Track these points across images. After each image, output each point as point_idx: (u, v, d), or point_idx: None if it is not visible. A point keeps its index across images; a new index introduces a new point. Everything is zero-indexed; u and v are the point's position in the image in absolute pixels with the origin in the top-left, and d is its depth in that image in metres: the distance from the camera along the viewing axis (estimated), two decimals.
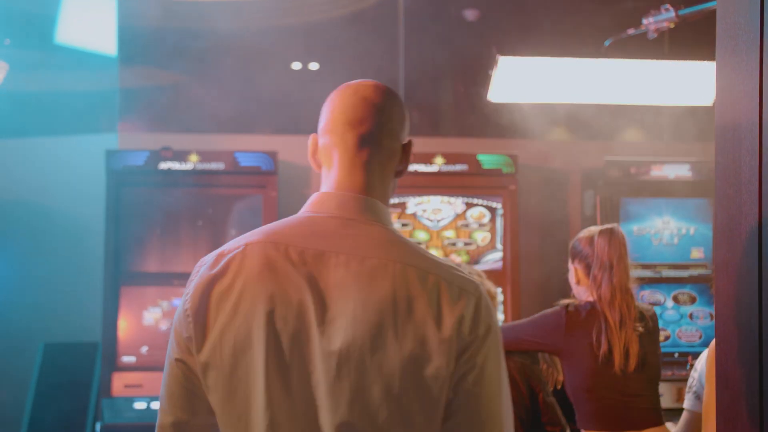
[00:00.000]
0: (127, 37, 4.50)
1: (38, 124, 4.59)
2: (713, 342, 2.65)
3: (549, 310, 2.83)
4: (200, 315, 1.45)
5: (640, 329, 2.75)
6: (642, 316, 2.80)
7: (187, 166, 4.03)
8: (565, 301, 2.84)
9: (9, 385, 4.40)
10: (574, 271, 2.87)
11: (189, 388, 1.48)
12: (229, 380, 1.43)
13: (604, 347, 2.70)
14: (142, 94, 4.55)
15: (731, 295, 2.04)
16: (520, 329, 2.80)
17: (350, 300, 1.39)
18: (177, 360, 1.47)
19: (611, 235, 2.80)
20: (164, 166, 4.01)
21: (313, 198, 1.53)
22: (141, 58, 4.54)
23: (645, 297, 4.30)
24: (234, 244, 1.49)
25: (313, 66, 4.68)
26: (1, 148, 4.53)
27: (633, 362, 2.73)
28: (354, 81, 1.57)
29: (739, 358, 2.00)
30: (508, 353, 2.91)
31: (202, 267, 1.50)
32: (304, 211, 1.52)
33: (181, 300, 1.50)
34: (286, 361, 1.39)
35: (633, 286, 2.82)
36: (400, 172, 1.59)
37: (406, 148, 1.58)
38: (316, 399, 1.38)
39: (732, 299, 2.04)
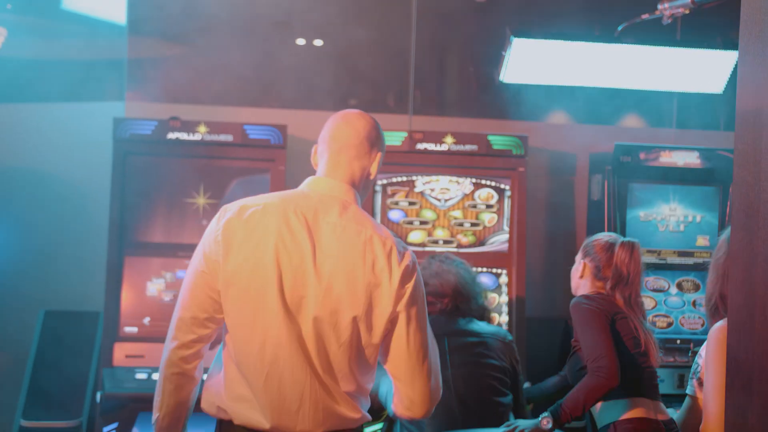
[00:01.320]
0: (136, 5, 4.46)
1: (44, 90, 4.55)
2: (716, 327, 2.66)
3: (583, 313, 2.90)
4: (228, 244, 2.14)
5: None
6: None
7: (196, 137, 4.00)
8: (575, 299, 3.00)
9: (9, 352, 4.40)
10: (582, 266, 3.06)
11: (209, 294, 2.16)
12: (245, 293, 2.12)
13: (633, 327, 2.93)
14: (150, 63, 4.52)
15: (746, 281, 2.03)
16: (590, 339, 2.84)
17: (334, 250, 2.14)
18: (203, 272, 2.16)
19: (632, 248, 3.03)
20: (172, 136, 3.98)
21: (309, 180, 2.28)
22: (150, 28, 4.50)
23: (649, 283, 4.30)
24: (254, 201, 2.20)
25: (318, 42, 4.65)
26: (6, 114, 4.50)
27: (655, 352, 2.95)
28: (344, 111, 2.36)
29: (751, 345, 1.99)
30: None
31: (228, 212, 2.19)
32: (302, 188, 2.26)
33: (213, 231, 2.18)
34: (289, 284, 2.11)
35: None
36: (370, 174, 2.32)
37: (375, 158, 2.32)
38: (302, 306, 2.12)
39: (747, 286, 2.03)
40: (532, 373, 4.12)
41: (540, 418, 2.74)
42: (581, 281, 3.07)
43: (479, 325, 3.19)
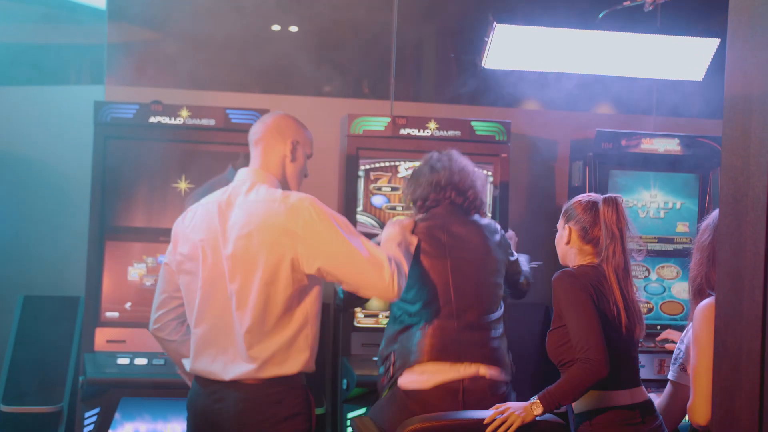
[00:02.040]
0: None
1: (23, 73, 4.50)
2: (703, 304, 2.68)
3: (568, 291, 2.75)
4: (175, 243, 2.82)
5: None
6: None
7: (178, 121, 3.96)
8: (561, 272, 2.84)
9: None
10: (567, 231, 2.90)
11: (171, 278, 2.83)
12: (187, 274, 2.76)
13: (621, 318, 2.78)
14: (130, 48, 4.47)
15: (734, 265, 2.05)
16: (579, 326, 2.71)
17: (241, 220, 2.67)
18: (166, 264, 2.85)
19: (617, 204, 2.84)
20: (154, 120, 3.95)
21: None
22: (130, 12, 4.46)
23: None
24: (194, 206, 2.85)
25: (299, 27, 4.62)
26: None
27: (643, 331, 2.82)
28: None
29: (740, 329, 2.01)
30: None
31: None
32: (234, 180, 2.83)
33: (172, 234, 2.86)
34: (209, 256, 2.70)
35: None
36: (292, 159, 2.84)
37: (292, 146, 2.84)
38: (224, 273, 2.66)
39: (734, 270, 2.05)
40: (513, 359, 4.13)
41: (530, 403, 2.72)
42: (568, 248, 2.91)
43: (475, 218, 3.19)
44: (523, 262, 3.43)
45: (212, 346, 2.68)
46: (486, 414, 2.76)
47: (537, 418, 2.70)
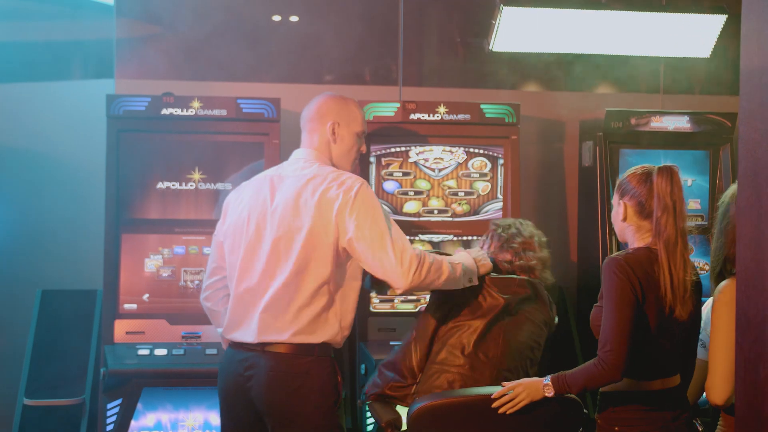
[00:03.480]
0: None
1: (36, 70, 4.52)
2: (722, 285, 2.70)
3: (611, 281, 2.60)
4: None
5: (695, 278, 2.69)
6: (693, 266, 2.74)
7: (189, 112, 3.98)
8: (612, 255, 2.68)
9: (8, 332, 4.39)
10: (623, 207, 2.73)
11: (219, 249, 3.02)
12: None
13: (667, 295, 2.62)
14: (139, 41, 4.48)
15: (754, 237, 2.07)
16: (608, 323, 2.59)
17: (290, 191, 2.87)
18: (215, 235, 3.05)
19: (672, 174, 2.69)
20: (166, 111, 3.96)
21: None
22: (137, 7, 4.46)
23: None
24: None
25: (308, 16, 4.63)
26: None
27: (687, 310, 2.65)
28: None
29: (762, 301, 2.03)
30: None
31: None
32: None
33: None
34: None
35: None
36: (334, 141, 3.00)
37: (332, 128, 3.00)
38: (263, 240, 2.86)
39: (755, 242, 2.07)
40: None
41: (541, 382, 2.68)
42: (625, 225, 2.74)
43: None
44: None
45: (246, 311, 2.83)
46: (494, 390, 2.78)
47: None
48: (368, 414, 3.92)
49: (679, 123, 4.37)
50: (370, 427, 3.94)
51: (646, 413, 2.66)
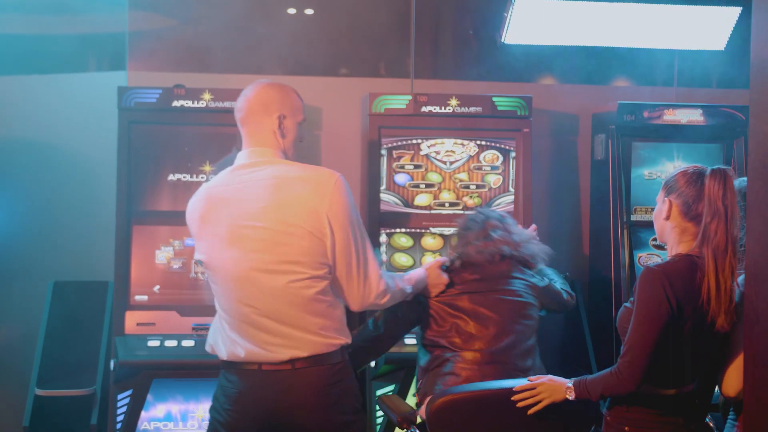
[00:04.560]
0: None
1: (48, 62, 4.53)
2: (740, 281, 2.67)
3: (645, 292, 2.50)
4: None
5: (743, 288, 2.49)
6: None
7: (200, 104, 3.99)
8: (650, 265, 2.58)
9: (20, 323, 4.41)
10: (668, 205, 2.60)
11: None
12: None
13: (710, 304, 2.50)
14: (151, 33, 4.49)
15: (764, 231, 2.05)
16: (634, 334, 2.51)
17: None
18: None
19: (725, 178, 2.54)
20: (177, 103, 3.97)
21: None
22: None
23: (654, 242, 4.32)
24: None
25: (317, 8, 4.62)
26: (9, 86, 4.48)
27: (730, 320, 2.52)
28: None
29: None
30: None
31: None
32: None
33: None
34: None
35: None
36: (282, 135, 2.67)
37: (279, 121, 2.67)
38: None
39: (764, 236, 2.05)
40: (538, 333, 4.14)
41: (565, 385, 2.64)
42: (667, 223, 2.61)
43: None
44: (555, 278, 3.44)
45: (252, 331, 2.55)
46: (516, 383, 2.76)
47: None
48: (377, 408, 3.92)
49: (693, 116, 4.34)
50: (379, 419, 3.95)
51: (658, 416, 2.61)
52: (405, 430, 3.01)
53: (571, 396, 2.63)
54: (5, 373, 4.45)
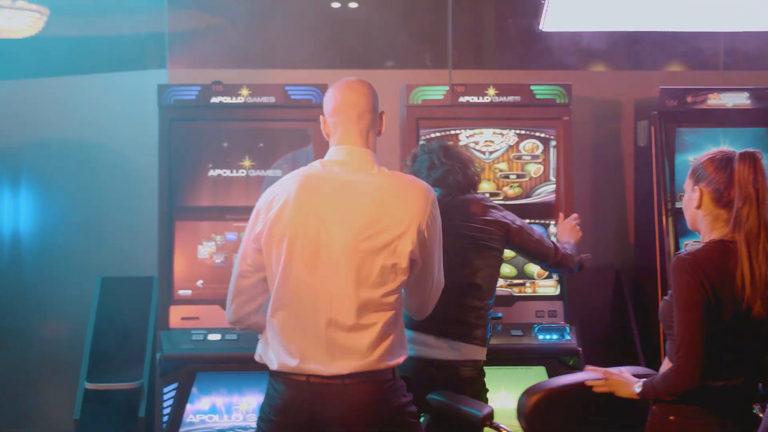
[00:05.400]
0: None
1: (89, 63, 4.62)
2: None
3: (679, 282, 2.45)
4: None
5: None
6: None
7: (238, 100, 4.02)
8: (681, 253, 2.52)
9: (70, 318, 4.52)
10: (699, 193, 2.53)
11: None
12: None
13: (745, 291, 2.43)
14: (190, 31, 4.55)
15: None
16: (681, 328, 2.46)
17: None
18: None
19: (755, 161, 2.47)
20: (215, 100, 4.02)
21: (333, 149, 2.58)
22: None
23: None
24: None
25: (354, 3, 4.63)
26: (55, 87, 4.58)
27: (766, 306, 2.45)
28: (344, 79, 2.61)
29: None
30: None
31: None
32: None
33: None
34: None
35: None
36: (379, 131, 2.60)
37: (381, 116, 2.61)
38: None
39: None
40: (583, 325, 4.11)
41: (636, 384, 2.61)
42: (699, 212, 2.55)
43: None
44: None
45: (308, 338, 2.42)
46: (596, 375, 2.75)
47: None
48: None
49: (738, 100, 4.25)
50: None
51: (703, 408, 2.56)
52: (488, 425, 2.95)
53: (638, 391, 2.59)
54: (57, 368, 4.56)
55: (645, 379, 2.61)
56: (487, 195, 4.16)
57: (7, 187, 4.72)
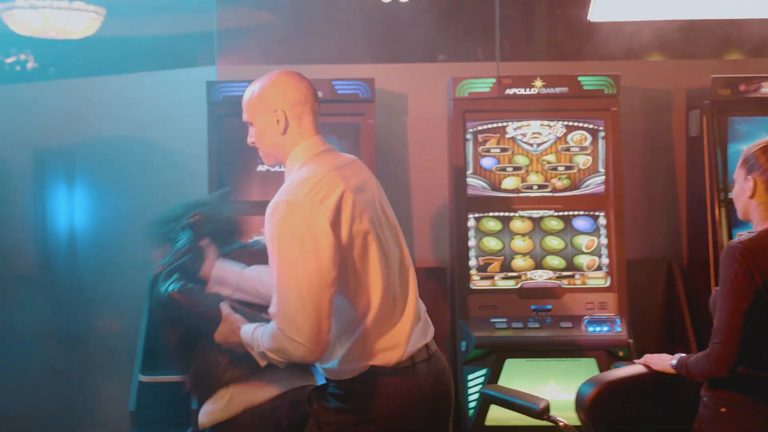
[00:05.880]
0: None
1: (140, 61, 4.70)
2: None
3: (727, 270, 2.44)
4: None
5: None
6: None
7: None
8: (733, 242, 2.50)
9: (123, 313, 4.60)
10: (752, 183, 2.53)
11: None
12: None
13: None
14: (238, 28, 4.60)
15: None
16: (721, 315, 2.46)
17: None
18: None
19: None
20: None
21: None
22: None
23: None
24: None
25: None
26: (107, 85, 4.67)
27: None
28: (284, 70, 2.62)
29: None
30: None
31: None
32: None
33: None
34: None
35: None
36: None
37: None
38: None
39: None
40: (635, 318, 4.07)
41: (671, 359, 2.65)
42: (751, 202, 2.54)
43: None
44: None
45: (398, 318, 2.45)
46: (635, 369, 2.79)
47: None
48: (469, 393, 3.91)
49: None
50: (471, 404, 3.95)
51: (755, 399, 2.53)
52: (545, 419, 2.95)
53: (673, 362, 2.63)
54: (113, 360, 4.65)
55: (682, 355, 2.62)
56: (535, 187, 4.15)
57: (62, 184, 4.83)
